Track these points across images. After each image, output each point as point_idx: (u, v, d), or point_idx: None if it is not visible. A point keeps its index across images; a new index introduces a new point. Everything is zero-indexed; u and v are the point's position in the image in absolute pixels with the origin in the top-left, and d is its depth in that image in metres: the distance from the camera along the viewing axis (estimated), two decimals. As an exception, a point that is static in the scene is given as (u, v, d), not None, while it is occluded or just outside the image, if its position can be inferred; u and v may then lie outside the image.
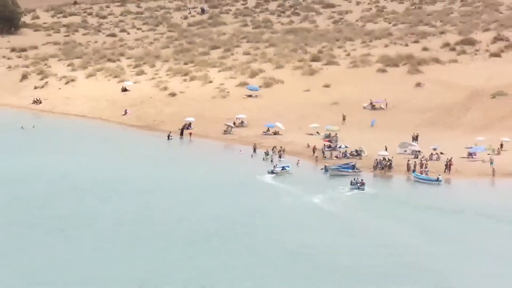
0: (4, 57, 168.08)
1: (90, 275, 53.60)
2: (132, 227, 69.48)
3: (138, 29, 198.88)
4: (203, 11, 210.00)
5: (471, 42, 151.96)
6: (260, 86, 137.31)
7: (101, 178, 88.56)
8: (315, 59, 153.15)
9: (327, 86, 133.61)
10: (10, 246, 60.83)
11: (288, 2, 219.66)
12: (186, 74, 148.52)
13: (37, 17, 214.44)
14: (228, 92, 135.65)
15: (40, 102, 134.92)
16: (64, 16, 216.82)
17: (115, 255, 60.56)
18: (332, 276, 55.24)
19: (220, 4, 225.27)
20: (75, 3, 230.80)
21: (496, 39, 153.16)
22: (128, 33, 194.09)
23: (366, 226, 72.20)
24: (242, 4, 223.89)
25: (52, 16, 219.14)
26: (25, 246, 61.11)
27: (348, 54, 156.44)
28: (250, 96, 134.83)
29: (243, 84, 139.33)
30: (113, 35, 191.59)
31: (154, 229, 69.06)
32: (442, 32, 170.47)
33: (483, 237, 67.73)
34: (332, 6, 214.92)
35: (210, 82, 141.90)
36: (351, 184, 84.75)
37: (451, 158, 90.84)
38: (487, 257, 62.30)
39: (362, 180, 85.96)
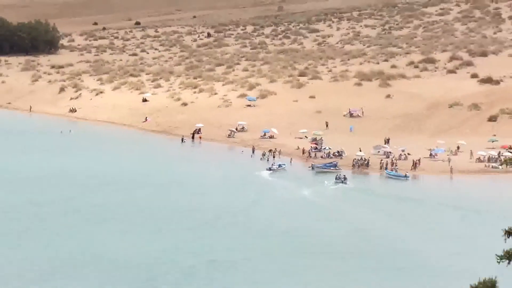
0: (45, 73, 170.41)
1: (122, 248, 59.73)
2: (152, 212, 74.30)
3: (155, 49, 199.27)
4: (209, 35, 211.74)
5: (432, 61, 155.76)
6: (257, 97, 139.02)
7: (127, 174, 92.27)
8: (302, 74, 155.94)
9: (312, 97, 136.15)
10: (61, 225, 68.04)
11: (280, 28, 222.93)
12: (195, 87, 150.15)
13: (73, 40, 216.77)
14: (230, 102, 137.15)
15: (75, 111, 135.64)
16: (95, 39, 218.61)
17: (142, 234, 66.90)
18: (314, 249, 62.90)
19: (224, 30, 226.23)
20: (104, 28, 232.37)
21: (452, 59, 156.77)
22: (147, 53, 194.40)
23: (346, 212, 76.83)
24: (242, 30, 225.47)
25: (85, 39, 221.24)
26: (73, 227, 67.04)
27: (330, 70, 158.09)
28: (249, 105, 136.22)
29: (243, 96, 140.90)
30: (135, 54, 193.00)
31: (170, 215, 74.41)
32: (407, 53, 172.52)
33: (443, 222, 73.07)
34: (317, 31, 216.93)
35: (215, 94, 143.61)
36: (336, 179, 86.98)
37: (420, 158, 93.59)
38: (446, 238, 67.63)
39: (344, 175, 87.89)
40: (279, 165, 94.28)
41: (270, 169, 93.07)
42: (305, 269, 60.02)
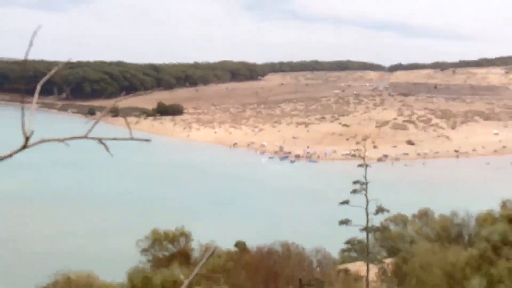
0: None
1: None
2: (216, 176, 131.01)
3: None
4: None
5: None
6: (259, 131, 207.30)
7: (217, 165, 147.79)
8: (277, 122, 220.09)
9: (279, 131, 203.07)
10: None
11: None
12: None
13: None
14: (260, 130, 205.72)
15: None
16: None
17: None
18: (276, 190, 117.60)
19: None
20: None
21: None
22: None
23: (291, 174, 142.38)
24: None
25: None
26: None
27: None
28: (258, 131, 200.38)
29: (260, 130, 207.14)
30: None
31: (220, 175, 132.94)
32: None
33: (333, 180, 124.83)
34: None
35: (252, 129, 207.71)
36: (290, 162, 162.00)
37: (319, 154, 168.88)
38: (331, 183, 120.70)
39: (294, 160, 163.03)
40: (269, 158, 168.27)
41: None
42: (272, 197, 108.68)
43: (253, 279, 30.37)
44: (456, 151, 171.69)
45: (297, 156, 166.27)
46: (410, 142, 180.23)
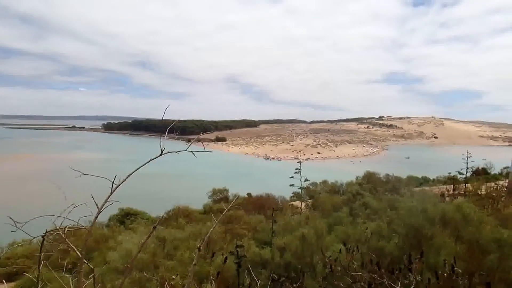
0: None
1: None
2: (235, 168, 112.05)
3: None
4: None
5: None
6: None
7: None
8: (264, 142, 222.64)
9: (270, 150, 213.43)
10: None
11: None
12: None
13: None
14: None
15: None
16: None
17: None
18: (264, 172, 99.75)
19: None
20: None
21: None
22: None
23: (270, 165, 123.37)
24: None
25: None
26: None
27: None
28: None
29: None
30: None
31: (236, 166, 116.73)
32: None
33: (281, 167, 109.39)
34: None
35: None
36: (276, 160, 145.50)
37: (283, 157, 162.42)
38: (279, 166, 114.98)
39: (279, 158, 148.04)
40: (263, 159, 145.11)
41: (265, 159, 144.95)
42: (262, 173, 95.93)
43: (253, 208, 29.44)
44: (337, 156, 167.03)
45: (272, 158, 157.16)
46: (318, 152, 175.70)
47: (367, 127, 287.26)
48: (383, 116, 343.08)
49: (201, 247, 2.68)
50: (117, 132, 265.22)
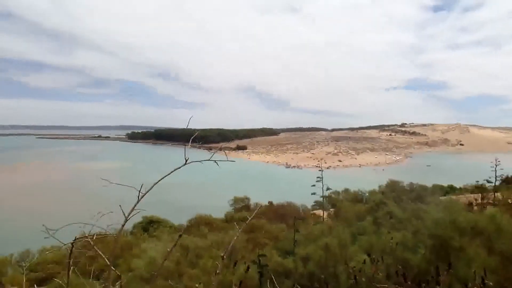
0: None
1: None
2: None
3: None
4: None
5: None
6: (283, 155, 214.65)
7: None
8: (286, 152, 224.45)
9: (291, 158, 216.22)
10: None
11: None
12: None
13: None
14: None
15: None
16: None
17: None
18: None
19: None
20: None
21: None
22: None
23: (291, 173, 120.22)
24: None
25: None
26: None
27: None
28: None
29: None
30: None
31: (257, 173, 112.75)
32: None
33: (304, 176, 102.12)
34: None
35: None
36: (290, 168, 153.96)
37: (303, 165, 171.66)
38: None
39: (296, 166, 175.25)
40: (284, 167, 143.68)
41: (285, 167, 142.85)
42: (283, 181, 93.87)
43: (275, 216, 29.32)
44: (359, 164, 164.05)
45: (293, 166, 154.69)
46: (339, 160, 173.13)
47: (389, 135, 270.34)
48: (405, 123, 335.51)
49: (221, 256, 2.65)
50: (141, 141, 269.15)
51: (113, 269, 2.19)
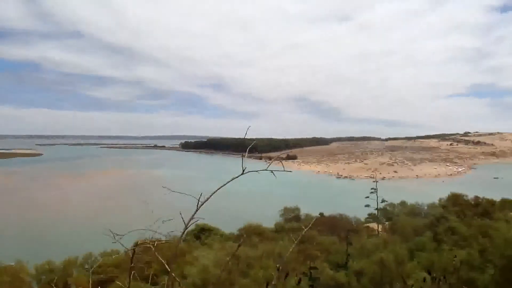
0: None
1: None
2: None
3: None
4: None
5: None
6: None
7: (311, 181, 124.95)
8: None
9: (335, 166, 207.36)
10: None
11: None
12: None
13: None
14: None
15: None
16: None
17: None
18: (343, 191, 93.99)
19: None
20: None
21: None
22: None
23: (344, 184, 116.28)
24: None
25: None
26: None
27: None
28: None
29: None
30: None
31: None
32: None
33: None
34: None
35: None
36: (341, 179, 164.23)
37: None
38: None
39: (343, 178, 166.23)
40: (335, 177, 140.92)
41: (337, 178, 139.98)
42: (336, 193, 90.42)
43: (326, 228, 28.71)
44: (417, 175, 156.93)
45: (345, 177, 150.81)
46: (395, 171, 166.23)
47: (450, 144, 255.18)
48: (469, 132, 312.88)
49: (277, 267, 2.66)
50: (194, 151, 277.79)
51: (174, 276, 2.26)
